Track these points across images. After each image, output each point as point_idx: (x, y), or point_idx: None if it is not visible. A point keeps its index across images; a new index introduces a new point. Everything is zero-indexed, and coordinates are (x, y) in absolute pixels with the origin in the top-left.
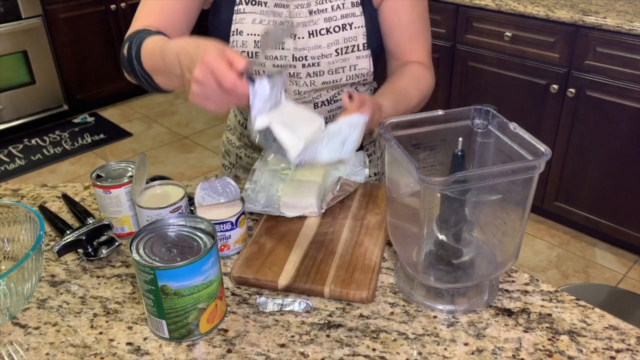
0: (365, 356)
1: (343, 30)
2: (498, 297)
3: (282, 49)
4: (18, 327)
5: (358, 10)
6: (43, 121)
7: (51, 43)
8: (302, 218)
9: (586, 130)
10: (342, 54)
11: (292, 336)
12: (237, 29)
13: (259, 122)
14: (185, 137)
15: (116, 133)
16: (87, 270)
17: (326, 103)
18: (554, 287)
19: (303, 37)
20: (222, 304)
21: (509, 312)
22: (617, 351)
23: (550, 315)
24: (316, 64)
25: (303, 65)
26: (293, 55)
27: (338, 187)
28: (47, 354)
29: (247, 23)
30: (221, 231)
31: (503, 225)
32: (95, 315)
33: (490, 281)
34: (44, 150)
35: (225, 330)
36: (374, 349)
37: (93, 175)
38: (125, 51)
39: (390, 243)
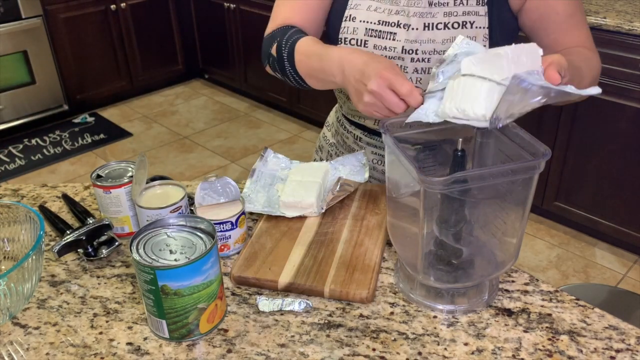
0: (365, 356)
1: (462, 28)
2: (498, 297)
3: (393, 39)
4: (18, 327)
5: (483, 9)
6: (43, 121)
7: (51, 43)
8: (302, 218)
9: (586, 130)
10: None
11: (292, 336)
12: (350, 15)
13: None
14: (185, 137)
15: (116, 133)
16: (87, 270)
17: None
18: (554, 287)
19: (417, 29)
20: (222, 304)
21: (509, 312)
22: (617, 351)
23: (550, 315)
24: (426, 60)
25: (412, 60)
26: (403, 47)
27: (338, 187)
28: (47, 354)
29: (361, 9)
30: (221, 231)
31: (503, 225)
32: (95, 315)
33: (490, 281)
34: (44, 150)
35: (225, 330)
36: (374, 349)
37: (93, 175)
38: (274, 51)
39: (390, 243)
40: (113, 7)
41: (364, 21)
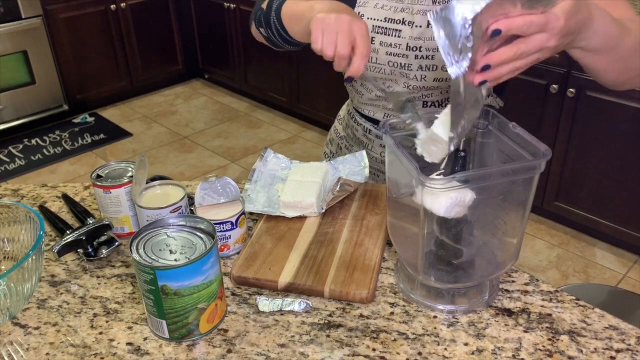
0: (365, 356)
1: None
2: (498, 297)
3: (398, 36)
4: (18, 327)
5: None
6: (43, 121)
7: (51, 43)
8: (302, 218)
9: (586, 130)
10: None
11: (292, 336)
12: (358, 12)
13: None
14: (185, 137)
15: (116, 133)
16: (87, 270)
17: (436, 104)
18: (554, 287)
19: (421, 26)
20: (222, 304)
21: (509, 312)
22: (617, 351)
23: (550, 315)
24: (430, 57)
25: (416, 57)
26: (407, 44)
27: (338, 187)
28: (47, 354)
29: (369, 7)
30: (221, 231)
31: (503, 225)
32: (95, 315)
33: (491, 281)
34: (44, 150)
35: (225, 330)
36: (374, 349)
37: (93, 175)
38: (264, 5)
39: (390, 243)
40: (113, 7)
41: (371, 18)
